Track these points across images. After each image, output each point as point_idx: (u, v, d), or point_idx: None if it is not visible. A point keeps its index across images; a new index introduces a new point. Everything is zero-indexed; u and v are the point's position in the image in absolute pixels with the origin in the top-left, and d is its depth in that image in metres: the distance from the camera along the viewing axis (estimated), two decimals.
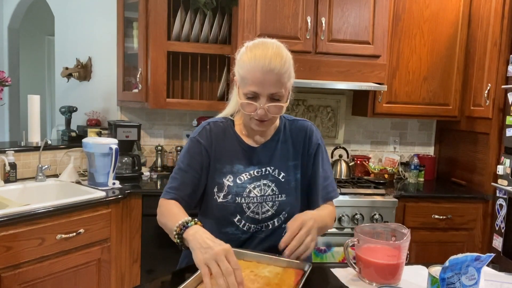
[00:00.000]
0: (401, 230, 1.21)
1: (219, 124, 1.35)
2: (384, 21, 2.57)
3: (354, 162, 3.01)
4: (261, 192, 1.29)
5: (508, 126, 2.38)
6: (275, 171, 1.31)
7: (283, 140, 1.35)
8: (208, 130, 1.33)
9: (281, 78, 1.18)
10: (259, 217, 1.29)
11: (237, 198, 1.27)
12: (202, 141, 1.31)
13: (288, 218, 1.26)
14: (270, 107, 1.19)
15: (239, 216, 1.28)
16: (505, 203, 2.39)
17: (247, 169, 1.30)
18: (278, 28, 2.47)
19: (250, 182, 1.29)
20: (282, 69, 1.18)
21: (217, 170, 1.30)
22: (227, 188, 1.28)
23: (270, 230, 1.31)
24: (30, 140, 2.48)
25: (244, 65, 1.19)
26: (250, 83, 1.18)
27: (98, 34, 3.02)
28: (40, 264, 1.85)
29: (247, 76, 1.18)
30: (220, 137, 1.33)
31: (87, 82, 3.11)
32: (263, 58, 1.17)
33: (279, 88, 1.19)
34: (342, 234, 2.39)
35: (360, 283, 1.16)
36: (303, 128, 1.37)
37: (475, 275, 1.00)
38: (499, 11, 2.47)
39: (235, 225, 1.28)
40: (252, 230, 1.29)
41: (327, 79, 2.52)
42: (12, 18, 4.51)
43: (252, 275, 1.09)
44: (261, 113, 1.20)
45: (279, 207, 1.30)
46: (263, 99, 1.19)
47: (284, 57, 1.20)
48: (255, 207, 1.28)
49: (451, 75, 2.80)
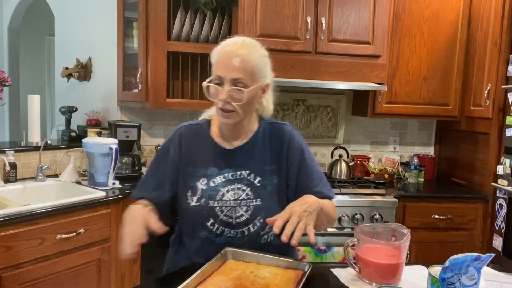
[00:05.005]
0: (401, 230, 1.21)
1: (192, 127, 1.35)
2: (384, 21, 2.57)
3: (354, 162, 3.01)
4: (235, 196, 1.25)
5: (508, 126, 2.38)
6: (251, 175, 1.28)
7: (261, 143, 1.31)
8: (178, 135, 1.33)
9: (246, 66, 1.19)
10: (233, 221, 1.25)
11: (210, 202, 1.24)
12: (170, 147, 1.32)
13: (265, 225, 1.23)
14: (232, 91, 1.19)
15: (212, 220, 1.24)
16: (505, 203, 2.39)
17: (222, 172, 1.27)
18: (278, 28, 2.47)
19: (224, 185, 1.26)
20: (249, 56, 1.19)
21: (190, 174, 1.28)
22: (200, 192, 1.26)
23: (246, 237, 1.25)
24: (30, 140, 2.48)
25: (215, 53, 1.24)
26: (217, 67, 1.21)
27: (98, 34, 3.01)
28: (40, 264, 1.84)
29: (215, 62, 1.22)
30: (193, 141, 1.32)
31: (87, 82, 3.11)
32: (232, 44, 1.22)
33: (243, 75, 1.18)
34: (342, 234, 2.39)
35: (360, 283, 1.16)
36: (283, 133, 1.33)
37: (475, 275, 1.00)
38: (499, 11, 2.47)
39: (208, 229, 1.25)
40: (226, 233, 1.25)
41: (327, 79, 2.52)
42: (12, 18, 4.51)
43: (252, 275, 1.09)
44: (223, 97, 1.19)
45: (253, 212, 1.25)
46: (226, 84, 1.19)
47: (253, 48, 1.22)
48: (229, 211, 1.24)
49: (451, 75, 2.80)
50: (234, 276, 1.09)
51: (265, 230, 1.26)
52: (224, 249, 1.19)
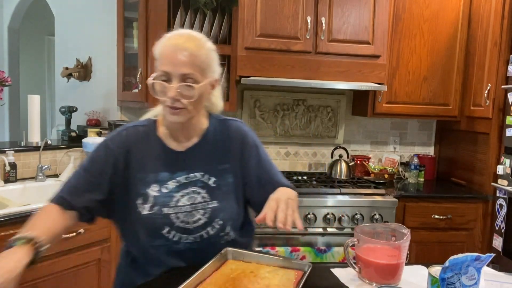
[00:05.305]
0: (401, 230, 1.21)
1: (139, 128, 1.24)
2: (384, 21, 2.57)
3: (354, 162, 3.01)
4: (190, 201, 1.18)
5: (508, 126, 2.38)
6: (205, 176, 1.21)
7: (213, 142, 1.25)
8: (124, 136, 1.21)
9: (195, 60, 1.11)
10: (191, 226, 1.18)
11: (164, 209, 1.16)
12: (112, 148, 1.19)
13: (223, 226, 1.20)
14: (181, 88, 1.11)
15: (168, 228, 1.16)
16: (505, 203, 2.39)
17: (174, 176, 1.19)
18: (278, 28, 2.47)
19: (178, 190, 1.18)
20: (197, 51, 1.12)
21: (140, 180, 1.18)
22: (152, 199, 1.16)
23: (205, 241, 1.19)
24: (30, 140, 2.48)
25: (159, 47, 1.14)
26: (162, 62, 1.12)
27: (98, 34, 3.01)
28: (40, 264, 1.83)
29: (160, 56, 1.13)
30: (141, 144, 1.21)
31: (87, 82, 3.11)
32: (177, 38, 1.14)
33: (193, 70, 1.11)
34: (342, 234, 2.39)
35: (360, 283, 1.16)
36: (235, 130, 1.28)
37: (475, 275, 1.00)
38: (499, 11, 2.47)
39: (163, 237, 1.16)
40: (183, 240, 1.18)
41: (327, 79, 2.52)
42: (12, 18, 4.52)
43: (252, 275, 1.09)
44: (172, 94, 1.10)
45: (211, 214, 1.19)
46: (175, 80, 1.11)
47: (201, 41, 1.15)
48: (185, 216, 1.17)
49: (451, 75, 2.80)
50: (234, 276, 1.09)
51: (225, 231, 1.22)
52: (224, 249, 1.19)
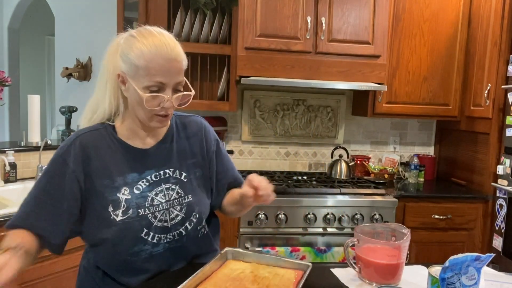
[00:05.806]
0: (401, 230, 1.21)
1: (94, 133, 1.16)
2: (384, 21, 2.57)
3: (354, 162, 3.01)
4: (166, 198, 1.16)
5: (508, 126, 2.38)
6: (176, 172, 1.20)
7: (178, 138, 1.24)
8: (78, 146, 1.12)
9: (183, 65, 1.11)
10: (168, 224, 1.16)
11: (140, 211, 1.12)
12: (68, 162, 1.10)
13: (200, 219, 1.21)
14: (180, 97, 1.11)
15: (147, 230, 1.13)
16: (505, 203, 2.39)
17: (143, 176, 1.15)
18: (278, 28, 2.47)
19: (150, 189, 1.15)
20: (182, 55, 1.11)
21: (107, 187, 1.11)
22: (125, 203, 1.11)
23: (184, 238, 1.19)
24: (30, 140, 2.48)
25: (143, 55, 1.05)
26: (155, 73, 1.05)
27: (98, 34, 3.02)
28: (40, 264, 1.84)
29: (149, 66, 1.05)
30: (100, 149, 1.14)
31: (87, 82, 3.12)
32: (164, 45, 1.07)
33: (182, 77, 1.11)
34: (342, 234, 2.39)
35: (360, 283, 1.16)
36: (197, 125, 1.30)
37: (475, 275, 1.00)
38: (499, 11, 2.47)
39: (143, 241, 1.13)
40: (163, 240, 1.16)
41: (327, 79, 2.52)
42: (12, 18, 4.52)
43: (252, 276, 1.09)
44: (169, 105, 1.09)
45: (188, 208, 1.19)
46: (168, 90, 1.08)
47: (178, 44, 1.13)
48: (162, 214, 1.15)
49: (451, 75, 2.80)
50: (234, 276, 1.09)
51: (202, 224, 1.23)
52: (224, 249, 1.19)
